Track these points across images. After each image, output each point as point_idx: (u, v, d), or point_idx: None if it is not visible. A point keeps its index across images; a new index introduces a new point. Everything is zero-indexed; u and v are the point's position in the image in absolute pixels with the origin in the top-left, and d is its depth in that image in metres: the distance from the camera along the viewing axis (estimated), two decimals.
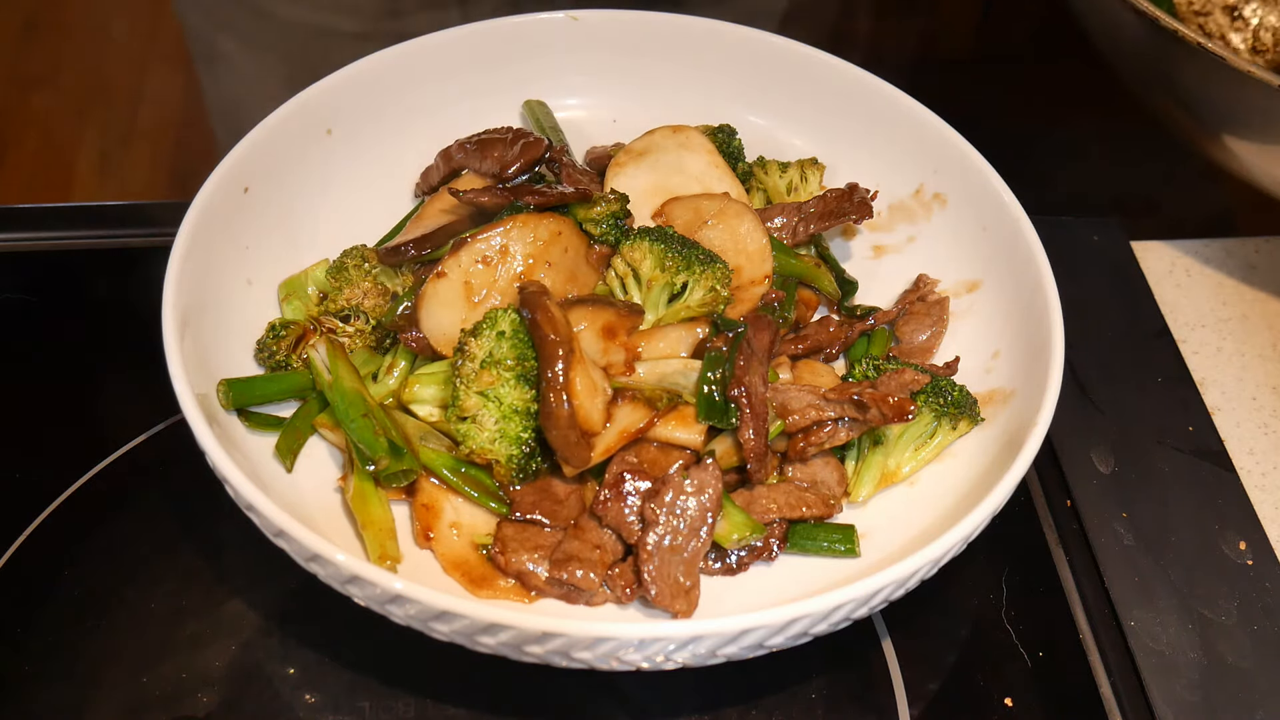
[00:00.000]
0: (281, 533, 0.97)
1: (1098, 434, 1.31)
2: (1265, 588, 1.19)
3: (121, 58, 3.29)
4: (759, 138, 1.40)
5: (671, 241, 1.16)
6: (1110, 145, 1.91)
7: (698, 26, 1.41)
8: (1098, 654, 1.15)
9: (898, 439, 1.16)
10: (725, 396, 1.09)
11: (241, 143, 1.22)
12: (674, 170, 1.28)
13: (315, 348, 1.15)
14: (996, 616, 1.17)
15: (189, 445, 1.03)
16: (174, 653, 1.10)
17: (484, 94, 1.40)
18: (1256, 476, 1.31)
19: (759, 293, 1.21)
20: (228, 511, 1.05)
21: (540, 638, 0.93)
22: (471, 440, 1.07)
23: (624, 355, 1.13)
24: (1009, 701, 1.11)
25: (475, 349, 1.07)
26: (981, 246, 1.28)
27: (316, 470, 1.14)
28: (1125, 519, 1.24)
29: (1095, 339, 1.39)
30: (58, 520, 1.19)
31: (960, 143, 1.30)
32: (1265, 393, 1.39)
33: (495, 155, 1.28)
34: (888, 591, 0.98)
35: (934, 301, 1.28)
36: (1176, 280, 1.51)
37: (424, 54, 1.36)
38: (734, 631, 0.94)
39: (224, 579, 1.15)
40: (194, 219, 1.14)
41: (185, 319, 1.09)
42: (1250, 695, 1.12)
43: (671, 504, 1.05)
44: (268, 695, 1.08)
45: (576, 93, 1.44)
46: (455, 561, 1.08)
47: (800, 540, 1.11)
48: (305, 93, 1.28)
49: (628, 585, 1.06)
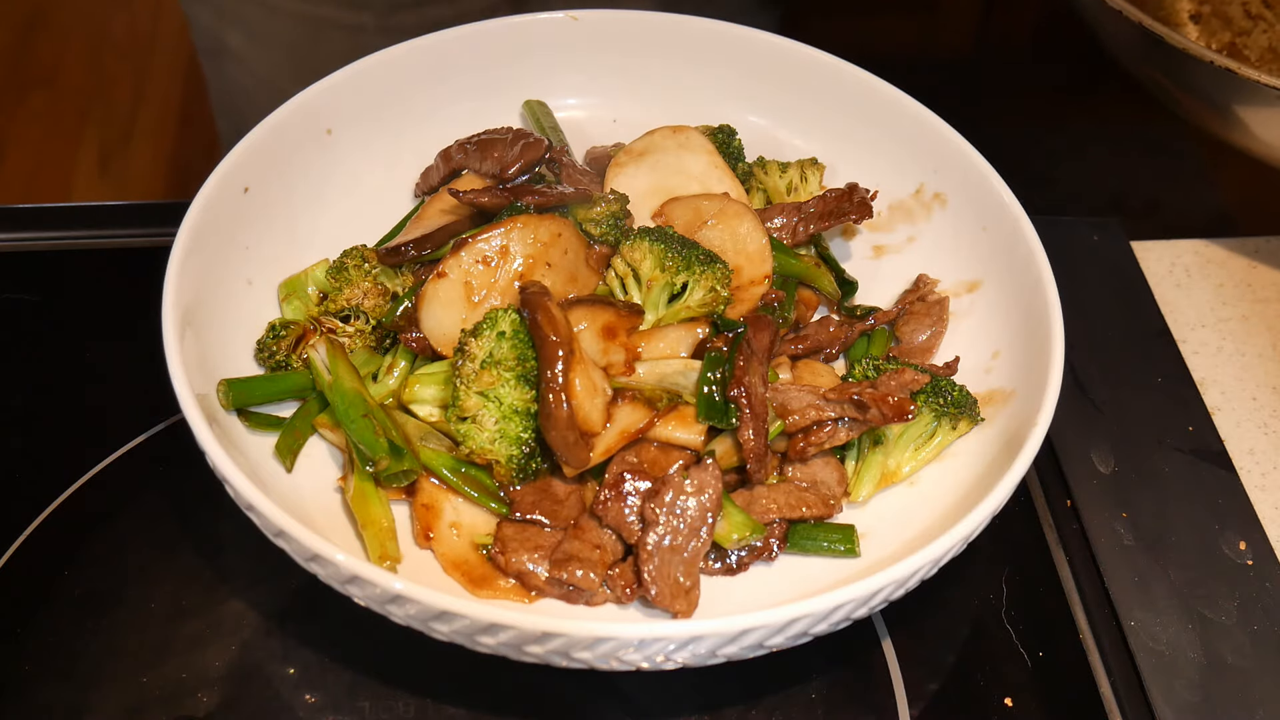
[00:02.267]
0: (281, 533, 0.97)
1: (1098, 434, 1.31)
2: (1265, 588, 1.19)
3: (121, 58, 3.29)
4: (759, 138, 1.40)
5: (671, 241, 1.16)
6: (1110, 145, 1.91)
7: (698, 26, 1.40)
8: (1098, 654, 1.15)
9: (898, 439, 1.16)
10: (725, 396, 1.09)
11: (241, 143, 1.22)
12: (674, 170, 1.28)
13: (315, 348, 1.15)
14: (996, 616, 1.17)
15: (189, 445, 1.03)
16: (174, 653, 1.10)
17: (484, 94, 1.40)
18: (1256, 476, 1.31)
19: (759, 293, 1.21)
20: (228, 511, 1.05)
21: (540, 638, 0.93)
22: (471, 440, 1.07)
23: (624, 355, 1.13)
24: (1009, 701, 1.11)
25: (475, 349, 1.07)
26: (981, 246, 1.28)
27: (316, 470, 1.14)
28: (1125, 519, 1.24)
29: (1095, 339, 1.39)
30: (58, 520, 1.19)
31: (960, 143, 1.30)
32: (1265, 393, 1.39)
33: (495, 156, 1.28)
34: (888, 591, 0.98)
35: (934, 301, 1.28)
36: (1176, 280, 1.51)
37: (424, 54, 1.36)
38: (734, 631, 0.94)
39: (224, 579, 1.15)
40: (194, 219, 1.14)
41: (185, 319, 1.09)
42: (1250, 695, 1.12)
43: (671, 504, 1.05)
44: (268, 695, 1.08)
45: (576, 93, 1.44)
46: (455, 561, 1.08)
47: (800, 540, 1.11)
48: (305, 93, 1.28)
49: (628, 585, 1.06)
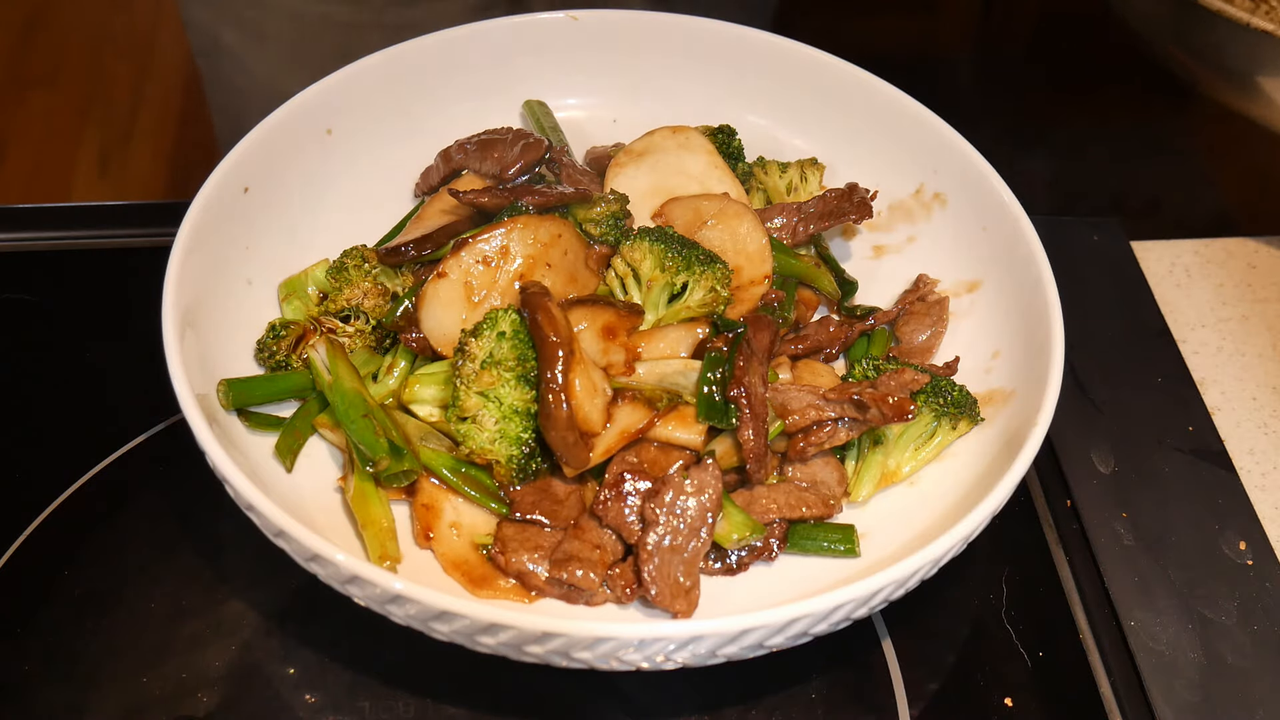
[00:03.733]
0: (281, 533, 0.97)
1: (1098, 434, 1.31)
2: (1265, 588, 1.19)
3: (121, 58, 3.29)
4: (759, 138, 1.40)
5: (671, 242, 1.16)
6: (1110, 145, 1.91)
7: (698, 26, 1.41)
8: (1098, 654, 1.15)
9: (898, 439, 1.16)
10: (725, 397, 1.09)
11: (241, 143, 1.22)
12: (674, 171, 1.28)
13: (315, 348, 1.14)
14: (996, 616, 1.17)
15: (189, 445, 1.03)
16: (174, 653, 1.10)
17: (484, 94, 1.40)
18: (1256, 476, 1.31)
19: (759, 293, 1.21)
20: (228, 511, 1.05)
21: (540, 638, 0.93)
22: (471, 440, 1.07)
23: (624, 355, 1.13)
24: (1009, 701, 1.11)
25: (476, 349, 1.07)
26: (981, 246, 1.28)
27: (316, 470, 1.14)
28: (1125, 519, 1.24)
29: (1095, 339, 1.39)
30: (58, 520, 1.19)
31: (960, 143, 1.30)
32: (1265, 393, 1.39)
33: (495, 156, 1.28)
34: (888, 591, 0.98)
35: (934, 301, 1.28)
36: (1176, 280, 1.51)
37: (424, 54, 1.36)
38: (734, 631, 0.94)
39: (224, 579, 1.15)
40: (194, 219, 1.14)
41: (185, 319, 1.09)
42: (1250, 695, 1.12)
43: (671, 504, 1.05)
44: (268, 695, 1.08)
45: (576, 93, 1.44)
46: (455, 561, 1.08)
47: (800, 540, 1.11)
48: (305, 93, 1.28)
49: (628, 585, 1.06)
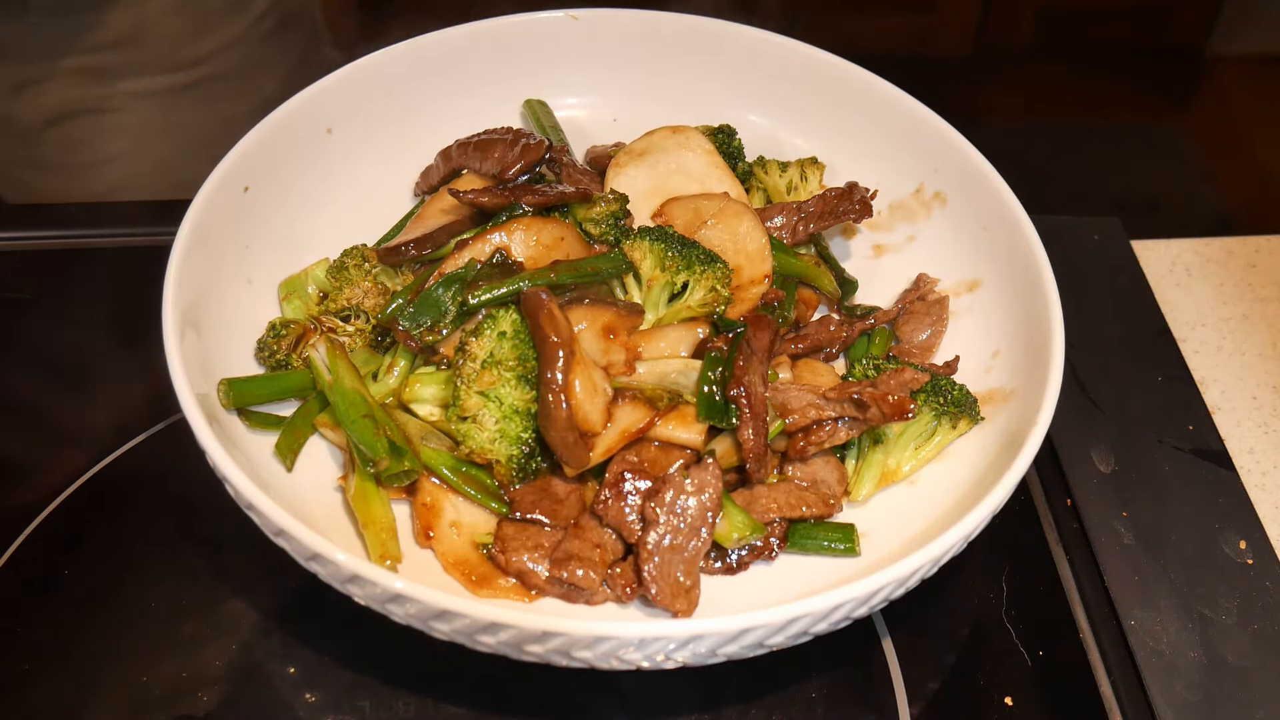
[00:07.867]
0: (282, 532, 0.97)
1: (1098, 434, 1.31)
2: (1265, 587, 1.19)
3: None
4: (759, 138, 1.41)
5: (671, 241, 1.16)
6: (1110, 145, 1.91)
7: (698, 26, 1.41)
8: (1098, 654, 1.15)
9: (898, 438, 1.16)
10: (725, 396, 1.09)
11: (241, 142, 1.22)
12: (674, 170, 1.28)
13: (315, 347, 1.14)
14: (997, 616, 1.17)
15: (189, 445, 1.03)
16: (174, 652, 1.10)
17: (484, 94, 1.40)
18: (1256, 476, 1.31)
19: (759, 292, 1.21)
20: (228, 511, 1.05)
21: (540, 637, 0.93)
22: (472, 440, 1.07)
23: (624, 355, 1.13)
24: (1009, 701, 1.11)
25: (476, 349, 1.07)
26: (981, 246, 1.28)
27: (316, 470, 1.14)
28: (1125, 518, 1.24)
29: (1095, 338, 1.39)
30: (58, 520, 1.19)
31: (960, 142, 1.30)
32: (1265, 392, 1.39)
33: (495, 156, 1.28)
34: (888, 590, 0.98)
35: (934, 301, 1.28)
36: (1176, 280, 1.51)
37: (424, 53, 1.36)
38: (734, 631, 0.94)
39: (224, 579, 1.15)
40: (194, 218, 1.14)
41: (185, 318, 1.09)
42: (1250, 695, 1.12)
43: (672, 503, 1.05)
44: (268, 695, 1.08)
45: (576, 93, 1.44)
46: (456, 561, 1.08)
47: (800, 539, 1.11)
48: (305, 92, 1.28)
49: (628, 584, 1.06)
